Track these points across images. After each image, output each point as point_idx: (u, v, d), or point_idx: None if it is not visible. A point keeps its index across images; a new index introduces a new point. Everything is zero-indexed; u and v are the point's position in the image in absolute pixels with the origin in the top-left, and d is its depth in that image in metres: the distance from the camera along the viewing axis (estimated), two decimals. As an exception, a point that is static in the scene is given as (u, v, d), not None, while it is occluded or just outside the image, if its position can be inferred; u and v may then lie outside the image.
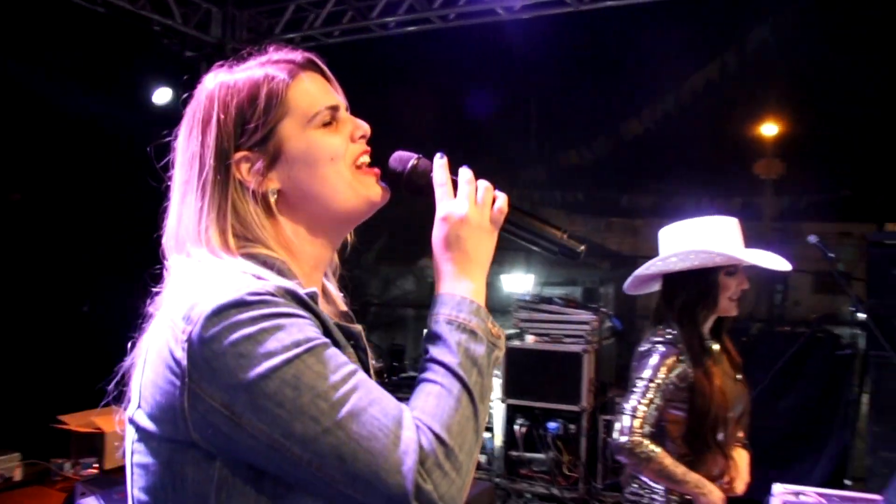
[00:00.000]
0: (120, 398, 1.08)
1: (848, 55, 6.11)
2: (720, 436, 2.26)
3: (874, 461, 4.36)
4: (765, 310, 7.35)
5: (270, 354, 0.89)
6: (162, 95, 6.72)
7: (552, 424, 5.39)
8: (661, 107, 7.76)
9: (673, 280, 2.36)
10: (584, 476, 5.37)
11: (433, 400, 0.96)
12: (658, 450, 2.18)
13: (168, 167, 1.13)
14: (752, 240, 2.42)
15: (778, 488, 2.75)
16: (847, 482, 4.65)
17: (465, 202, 1.09)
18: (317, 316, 0.97)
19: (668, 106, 7.69)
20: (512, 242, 1.18)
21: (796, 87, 7.07)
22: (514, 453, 5.54)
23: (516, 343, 5.59)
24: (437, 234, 1.09)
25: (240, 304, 0.90)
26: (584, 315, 5.56)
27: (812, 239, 4.44)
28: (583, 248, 1.15)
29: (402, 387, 5.46)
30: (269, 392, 0.88)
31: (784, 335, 5.69)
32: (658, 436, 2.26)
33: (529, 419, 5.44)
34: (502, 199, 1.12)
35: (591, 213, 9.35)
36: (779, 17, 6.57)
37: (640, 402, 2.21)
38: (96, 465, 3.82)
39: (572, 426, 5.38)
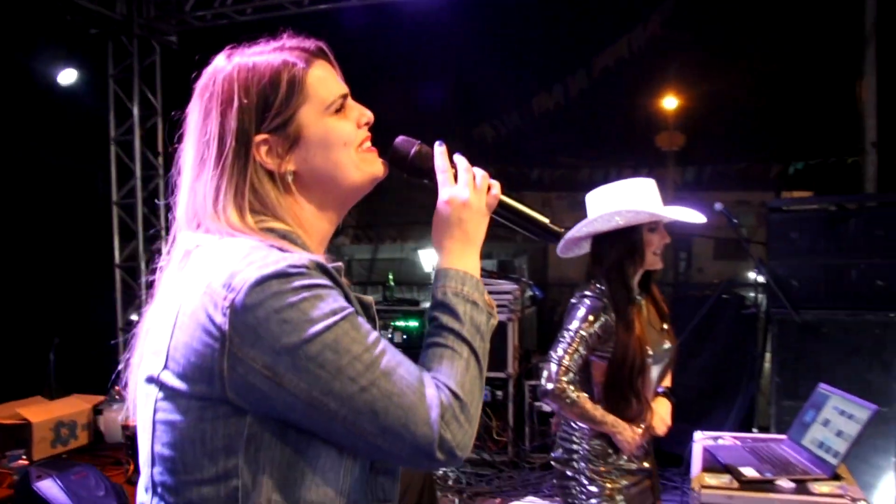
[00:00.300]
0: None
1: (744, 34, 6.45)
2: (639, 381, 2.43)
3: (777, 410, 4.72)
4: (671, 276, 7.75)
5: (312, 321, 0.97)
6: (67, 76, 6.49)
7: (480, 392, 5.58)
8: (570, 83, 7.95)
9: (601, 240, 2.51)
10: (512, 440, 5.59)
11: (447, 361, 1.07)
12: (579, 395, 2.37)
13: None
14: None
15: (698, 435, 2.99)
16: (754, 430, 5.01)
17: (466, 188, 1.19)
18: (340, 287, 1.05)
19: (577, 82, 7.90)
20: (422, 218, 1.29)
21: (695, 64, 7.38)
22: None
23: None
24: (441, 215, 1.19)
25: (282, 276, 0.97)
26: (507, 285, 5.74)
27: (718, 206, 4.71)
28: (563, 230, 1.28)
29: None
30: (311, 355, 0.96)
31: (693, 298, 6.03)
32: (584, 382, 2.46)
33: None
34: (496, 187, 1.23)
35: (502, 187, 9.56)
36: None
37: (565, 352, 2.37)
38: (24, 458, 3.74)
39: (499, 392, 5.58)
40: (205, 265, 1.04)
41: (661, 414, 2.58)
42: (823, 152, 8.71)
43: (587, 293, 2.48)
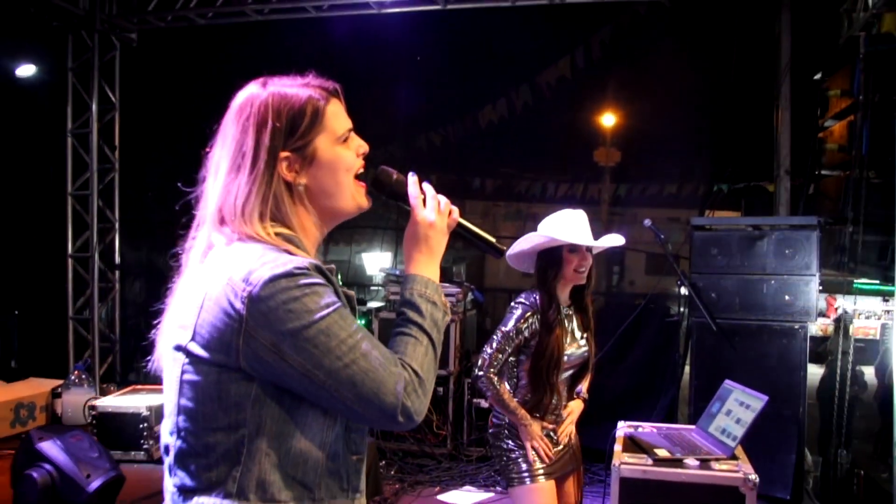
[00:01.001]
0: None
1: (677, 63, 6.91)
2: (554, 375, 2.92)
3: (695, 409, 5.18)
4: (604, 287, 8.19)
5: (311, 312, 1.26)
6: (26, 70, 6.58)
7: (422, 388, 5.91)
8: (514, 98, 8.30)
9: (537, 256, 3.02)
10: (451, 433, 5.92)
11: (411, 347, 1.38)
12: (501, 385, 2.91)
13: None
14: (593, 223, 3.04)
15: (621, 424, 3.39)
16: (672, 426, 5.48)
17: (433, 212, 1.50)
18: (332, 284, 1.35)
19: (521, 96, 8.25)
20: (367, 223, 1.62)
21: (632, 85, 7.80)
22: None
23: (385, 315, 6.08)
24: (412, 232, 1.50)
25: (289, 275, 1.26)
26: (451, 288, 6.09)
27: (647, 223, 5.17)
28: (505, 249, 1.65)
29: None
30: (308, 337, 1.25)
31: (623, 307, 6.50)
32: (514, 377, 2.99)
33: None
34: (455, 212, 1.55)
35: (443, 194, 9.80)
36: (621, 18, 7.30)
37: (495, 348, 2.91)
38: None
39: (440, 389, 5.91)
40: (226, 262, 1.31)
41: (573, 413, 3.09)
42: (746, 176, 9.31)
43: (521, 299, 2.99)
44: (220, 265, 1.32)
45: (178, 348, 1.33)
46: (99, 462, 2.43)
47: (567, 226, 2.94)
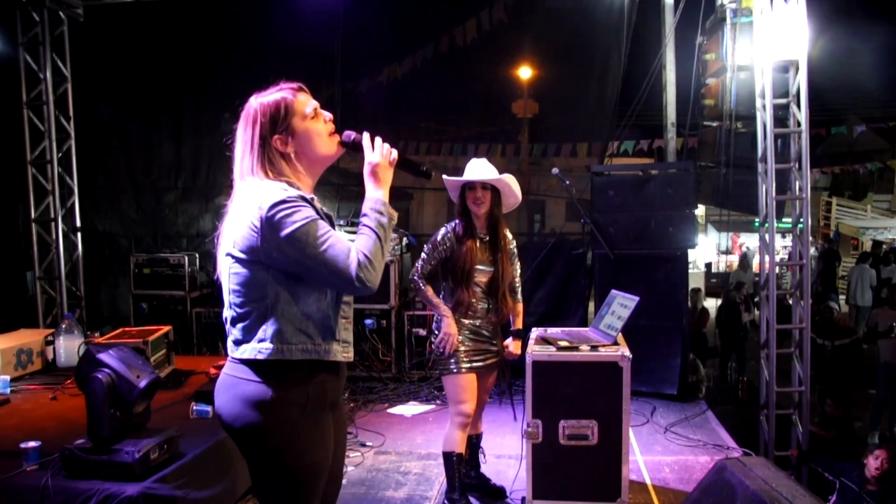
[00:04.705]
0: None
1: (586, 24, 7.69)
2: (465, 279, 3.83)
3: (597, 326, 6.19)
4: (527, 230, 9.13)
5: (296, 221, 1.98)
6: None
7: (368, 321, 6.81)
8: (425, 53, 8.59)
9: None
10: (395, 359, 6.82)
11: (364, 240, 2.07)
12: (427, 287, 3.83)
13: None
14: (514, 172, 3.90)
15: (535, 329, 4.32)
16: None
17: (378, 155, 2.22)
18: (313, 207, 2.13)
19: (441, 48, 8.57)
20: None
21: (545, 37, 8.39)
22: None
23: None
24: (367, 169, 2.21)
25: (282, 201, 1.99)
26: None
27: (554, 171, 6.12)
28: (432, 173, 2.41)
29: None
30: (296, 237, 1.97)
31: (539, 244, 7.48)
32: (441, 279, 3.91)
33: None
34: (395, 153, 2.26)
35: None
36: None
37: (423, 259, 3.88)
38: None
39: (384, 321, 6.78)
40: (250, 198, 2.05)
41: (509, 348, 4.07)
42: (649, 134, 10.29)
43: (447, 224, 3.93)
44: (246, 200, 2.07)
45: (228, 254, 2.11)
46: (143, 367, 3.19)
47: (466, 170, 3.87)
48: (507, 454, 4.84)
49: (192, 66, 7.93)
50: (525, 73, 9.10)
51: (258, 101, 2.18)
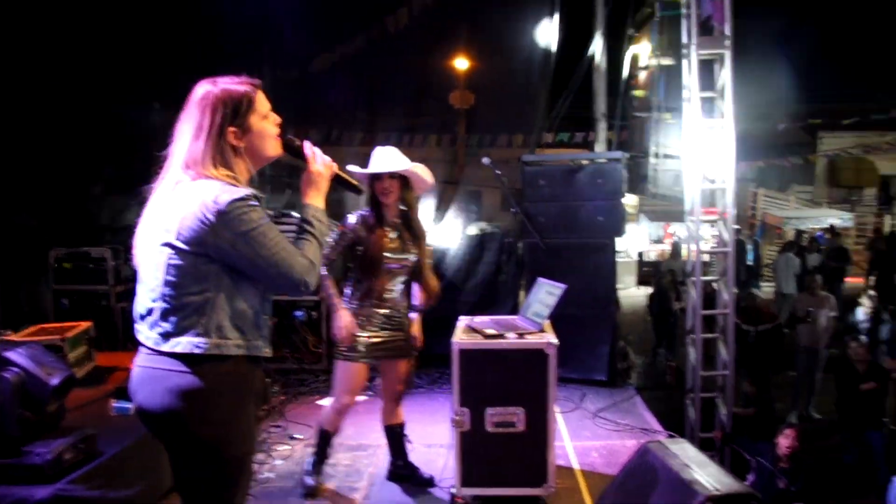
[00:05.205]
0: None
1: (516, 19, 7.77)
2: (371, 268, 3.80)
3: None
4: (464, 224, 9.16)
5: (253, 221, 2.02)
6: None
7: (298, 312, 6.72)
8: (370, 36, 8.57)
9: None
10: (326, 352, 6.76)
11: (307, 245, 2.16)
12: (327, 280, 3.75)
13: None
14: (450, 162, 3.90)
15: (462, 318, 4.33)
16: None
17: (319, 165, 2.31)
18: (263, 206, 2.14)
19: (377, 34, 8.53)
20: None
21: (478, 27, 8.45)
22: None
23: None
24: (307, 178, 2.28)
25: (242, 199, 2.01)
26: (321, 226, 6.83)
27: (485, 161, 6.14)
28: (364, 190, 2.46)
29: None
30: (251, 237, 2.02)
31: (473, 236, 7.50)
32: (354, 277, 3.90)
33: (275, 312, 6.61)
34: (333, 165, 2.36)
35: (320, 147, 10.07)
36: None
37: (329, 247, 3.78)
38: None
39: (314, 313, 6.71)
40: (196, 191, 2.03)
41: (413, 325, 4.02)
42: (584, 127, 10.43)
43: (357, 212, 3.87)
44: (192, 193, 2.05)
45: (165, 244, 2.06)
46: (56, 364, 3.08)
47: (372, 159, 3.81)
48: (436, 443, 4.84)
49: (116, 54, 7.65)
50: (462, 64, 9.19)
51: (220, 89, 2.13)
